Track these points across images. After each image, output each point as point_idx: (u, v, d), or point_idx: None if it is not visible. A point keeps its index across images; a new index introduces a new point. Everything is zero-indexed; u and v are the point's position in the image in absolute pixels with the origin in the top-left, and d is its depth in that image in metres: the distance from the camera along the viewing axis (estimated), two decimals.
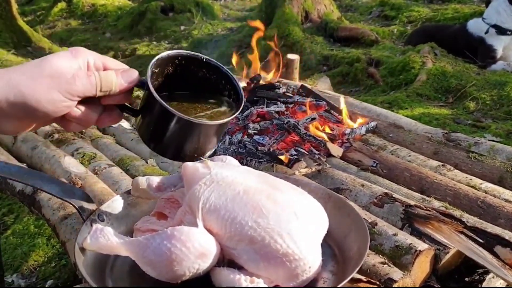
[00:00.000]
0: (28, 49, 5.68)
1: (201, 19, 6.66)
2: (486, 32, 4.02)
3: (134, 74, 0.89)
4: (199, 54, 0.97)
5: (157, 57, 0.91)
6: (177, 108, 0.91)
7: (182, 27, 6.40)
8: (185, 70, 0.97)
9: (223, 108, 1.00)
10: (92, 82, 0.83)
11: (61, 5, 7.76)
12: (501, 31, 3.96)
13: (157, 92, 0.88)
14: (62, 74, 0.81)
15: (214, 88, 1.01)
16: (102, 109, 0.90)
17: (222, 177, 0.95)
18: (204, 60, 0.97)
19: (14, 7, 5.95)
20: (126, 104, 0.94)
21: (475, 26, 4.11)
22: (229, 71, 1.00)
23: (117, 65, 0.90)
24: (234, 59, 2.46)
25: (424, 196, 1.42)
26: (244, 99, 0.98)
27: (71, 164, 1.59)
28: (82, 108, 0.86)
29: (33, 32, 6.03)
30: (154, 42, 6.01)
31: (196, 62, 0.97)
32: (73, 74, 0.81)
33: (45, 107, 0.80)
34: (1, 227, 2.19)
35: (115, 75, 0.86)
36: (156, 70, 0.92)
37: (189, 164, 1.01)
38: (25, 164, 1.79)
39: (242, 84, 2.20)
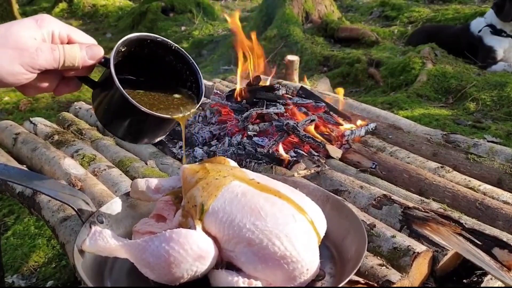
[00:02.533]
0: None
1: (202, 19, 6.66)
2: (480, 31, 4.02)
3: (99, 51, 0.88)
4: (168, 40, 0.97)
5: (126, 37, 0.91)
6: (133, 94, 0.92)
7: (183, 28, 6.41)
8: (153, 53, 0.97)
9: (182, 99, 1.00)
10: (56, 57, 0.83)
11: (62, 5, 7.77)
12: (495, 31, 3.96)
13: (119, 70, 0.88)
14: (25, 47, 0.79)
15: (177, 76, 1.01)
16: (60, 78, 0.90)
17: (220, 179, 0.96)
18: (173, 47, 0.98)
19: (15, 7, 5.96)
20: (87, 79, 0.94)
21: (477, 26, 4.11)
22: (195, 63, 1.00)
23: (82, 37, 0.88)
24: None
25: (423, 198, 1.43)
26: (203, 93, 0.99)
27: (71, 166, 1.59)
28: (41, 77, 0.85)
29: None
30: None
31: (164, 47, 0.98)
32: (36, 47, 0.80)
33: (4, 77, 0.80)
34: (1, 227, 2.19)
35: (80, 49, 0.85)
36: (122, 49, 0.92)
37: (187, 166, 1.02)
38: (25, 165, 1.79)
39: (240, 85, 2.20)
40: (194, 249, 0.86)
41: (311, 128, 1.82)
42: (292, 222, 0.89)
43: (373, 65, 4.14)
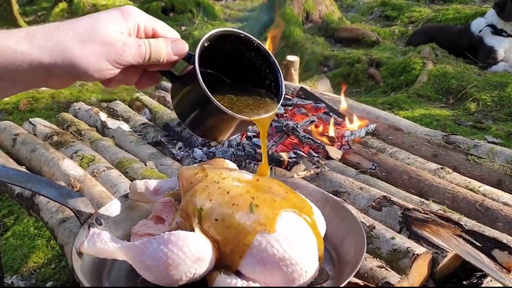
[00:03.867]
0: None
1: (202, 19, 6.66)
2: (480, 31, 4.01)
3: (184, 46, 0.86)
4: (251, 37, 0.95)
5: (210, 32, 0.89)
6: (215, 93, 0.89)
7: (183, 28, 6.40)
8: (234, 48, 0.95)
9: (261, 101, 0.98)
10: (142, 53, 0.81)
11: (62, 5, 7.76)
12: (496, 31, 3.96)
13: (200, 64, 0.86)
14: (112, 42, 0.78)
15: (257, 73, 0.99)
16: (143, 71, 0.89)
17: (219, 181, 0.95)
18: (255, 43, 0.95)
19: (15, 7, 5.95)
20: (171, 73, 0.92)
21: (477, 26, 4.11)
22: (276, 62, 0.97)
23: (166, 30, 0.86)
24: None
25: (423, 199, 1.42)
26: (283, 93, 0.96)
27: (70, 167, 1.59)
28: (125, 70, 0.84)
29: None
30: None
31: (246, 43, 0.95)
32: (123, 42, 0.79)
33: (91, 73, 0.78)
34: (1, 228, 2.19)
35: (165, 44, 0.84)
36: (206, 44, 0.89)
37: (186, 168, 1.02)
38: (24, 166, 1.79)
39: None
40: (193, 252, 0.86)
41: (311, 128, 1.82)
42: (291, 224, 0.89)
43: (373, 65, 4.13)
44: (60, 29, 0.77)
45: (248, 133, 1.81)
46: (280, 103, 0.95)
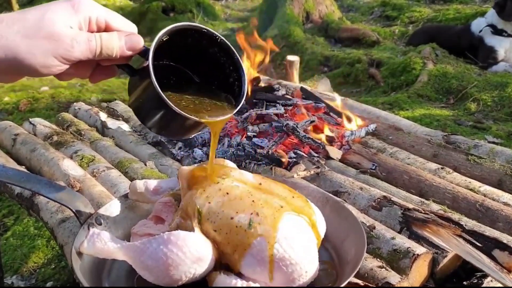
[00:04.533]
0: None
1: (202, 19, 6.65)
2: (481, 31, 4.01)
3: (139, 41, 0.82)
4: (214, 32, 0.91)
5: (169, 26, 0.85)
6: (169, 93, 0.87)
7: None
8: (197, 43, 0.92)
9: (220, 102, 0.94)
10: (92, 49, 0.77)
11: None
12: (496, 31, 3.96)
13: (159, 56, 0.84)
14: (60, 38, 0.74)
15: (220, 69, 0.95)
16: (96, 65, 0.85)
17: (219, 181, 0.95)
18: (219, 39, 0.91)
19: (16, 7, 5.96)
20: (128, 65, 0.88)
21: (478, 26, 4.11)
22: (240, 59, 0.94)
23: (121, 23, 0.82)
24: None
25: (423, 199, 1.42)
26: (244, 95, 0.92)
27: (70, 167, 1.59)
28: (75, 64, 0.79)
29: None
30: None
31: (209, 38, 0.91)
32: (72, 38, 0.74)
33: (38, 69, 0.75)
34: (1, 228, 2.19)
35: (118, 39, 0.80)
36: (164, 38, 0.85)
37: (185, 168, 1.01)
38: (24, 166, 1.79)
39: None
40: (192, 252, 0.86)
41: (311, 129, 1.81)
42: (291, 224, 0.89)
43: (373, 65, 4.13)
44: (4, 22, 0.73)
45: (248, 133, 1.81)
46: (240, 105, 0.92)
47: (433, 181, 1.50)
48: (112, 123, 2.09)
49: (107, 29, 0.80)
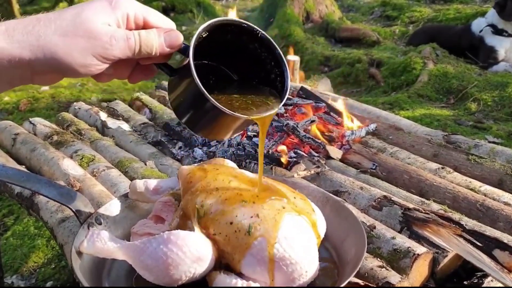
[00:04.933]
0: None
1: (203, 19, 6.65)
2: (481, 31, 4.01)
3: (179, 38, 0.80)
4: (255, 26, 0.87)
5: (208, 22, 0.82)
6: (214, 90, 0.83)
7: (184, 27, 6.40)
8: (236, 39, 0.88)
9: (263, 98, 0.91)
10: (131, 46, 0.75)
11: (63, 5, 7.76)
12: (497, 31, 3.95)
13: (200, 55, 0.81)
14: (98, 36, 0.72)
15: (261, 66, 0.92)
16: (135, 64, 0.83)
17: (218, 181, 0.95)
18: (259, 34, 0.88)
19: (16, 7, 5.96)
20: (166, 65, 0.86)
21: (478, 26, 4.11)
22: (282, 54, 0.90)
23: (159, 20, 0.80)
24: None
25: (423, 199, 1.42)
26: (288, 91, 0.89)
27: (70, 166, 1.59)
28: (115, 64, 0.78)
29: None
30: None
31: (249, 34, 0.88)
32: (110, 35, 0.73)
33: (77, 69, 0.73)
34: (1, 228, 2.19)
35: (158, 36, 0.77)
36: (204, 35, 0.83)
37: (185, 167, 1.01)
38: (24, 166, 1.79)
39: None
40: (192, 251, 0.86)
41: (311, 128, 1.81)
42: (291, 224, 0.89)
43: (374, 65, 4.13)
44: (41, 22, 0.72)
45: (248, 133, 1.81)
46: (284, 100, 0.89)
47: (433, 181, 1.50)
48: (112, 123, 2.09)
49: (145, 26, 0.79)
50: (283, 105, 1.94)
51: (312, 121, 1.83)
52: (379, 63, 4.15)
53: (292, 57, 2.81)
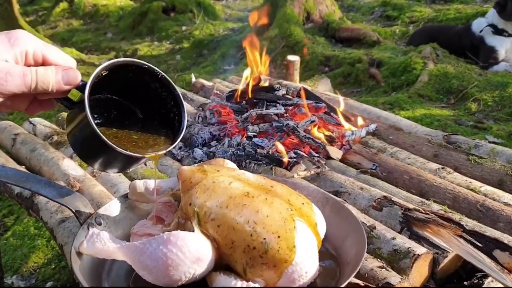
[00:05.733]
0: None
1: (203, 19, 6.65)
2: (481, 31, 4.01)
3: (76, 76, 0.82)
4: (156, 68, 0.92)
5: (109, 62, 0.87)
6: (114, 124, 0.89)
7: (184, 27, 6.40)
8: (138, 78, 0.93)
9: (157, 137, 0.96)
10: (27, 83, 0.76)
11: (63, 5, 7.77)
12: (497, 31, 3.95)
13: (107, 91, 0.87)
14: None
15: (162, 104, 0.97)
16: (33, 98, 0.84)
17: (218, 181, 0.95)
18: (160, 75, 0.93)
19: (16, 7, 5.95)
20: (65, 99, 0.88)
21: (478, 26, 4.10)
22: (180, 95, 0.96)
23: (59, 57, 0.81)
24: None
25: (423, 199, 1.42)
26: (183, 130, 0.94)
27: (70, 167, 1.59)
28: (12, 98, 0.79)
29: (35, 32, 6.03)
30: (156, 42, 6.01)
31: (150, 75, 0.93)
32: (6, 72, 0.74)
33: None
34: (1, 228, 2.19)
35: (55, 73, 0.79)
36: (103, 73, 0.86)
37: (185, 168, 1.01)
38: (24, 166, 1.79)
39: (242, 86, 2.19)
40: (192, 252, 0.86)
41: (311, 128, 1.81)
42: (290, 225, 0.88)
43: (374, 65, 4.12)
44: None
45: (249, 133, 1.81)
46: (178, 141, 0.94)
47: (433, 181, 1.50)
48: None
49: (44, 63, 0.80)
50: (283, 106, 1.95)
51: (312, 121, 1.83)
52: (379, 63, 4.15)
53: (292, 57, 2.80)
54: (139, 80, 0.94)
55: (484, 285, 1.14)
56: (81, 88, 0.83)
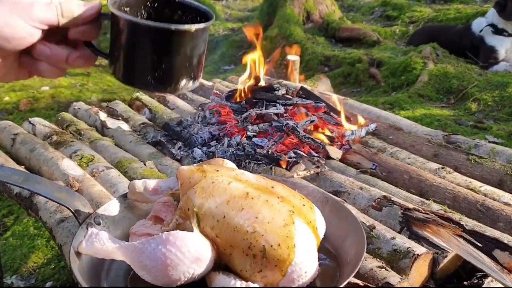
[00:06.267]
0: None
1: None
2: (481, 31, 4.01)
3: (96, 3, 0.83)
4: None
5: None
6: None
7: None
8: (159, 15, 0.86)
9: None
10: (52, 9, 0.79)
11: None
12: (497, 30, 3.95)
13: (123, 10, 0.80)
14: (20, 1, 0.77)
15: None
16: (71, 47, 0.84)
17: (218, 181, 0.95)
18: (177, 1, 0.86)
19: None
20: (96, 47, 0.85)
21: (478, 26, 4.10)
22: (205, 7, 0.87)
23: None
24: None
25: (423, 199, 1.42)
26: (214, 15, 0.86)
27: (69, 167, 1.59)
28: (49, 43, 0.81)
29: None
30: None
31: (169, 5, 0.87)
32: (31, 1, 0.78)
33: (6, 33, 0.75)
34: (1, 228, 2.19)
35: (77, 3, 0.81)
36: (126, 9, 0.82)
37: (184, 167, 1.01)
38: (23, 166, 1.79)
39: (242, 86, 2.19)
40: (191, 252, 0.85)
41: (311, 128, 1.81)
42: (290, 225, 0.88)
43: (374, 65, 4.12)
44: None
45: (248, 133, 1.81)
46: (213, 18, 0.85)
47: (433, 181, 1.50)
48: (111, 123, 2.09)
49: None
50: (283, 106, 1.95)
51: (312, 121, 1.82)
52: (379, 63, 4.15)
53: (292, 57, 2.80)
54: (161, 16, 0.86)
55: (484, 285, 1.14)
56: (105, 15, 0.81)
